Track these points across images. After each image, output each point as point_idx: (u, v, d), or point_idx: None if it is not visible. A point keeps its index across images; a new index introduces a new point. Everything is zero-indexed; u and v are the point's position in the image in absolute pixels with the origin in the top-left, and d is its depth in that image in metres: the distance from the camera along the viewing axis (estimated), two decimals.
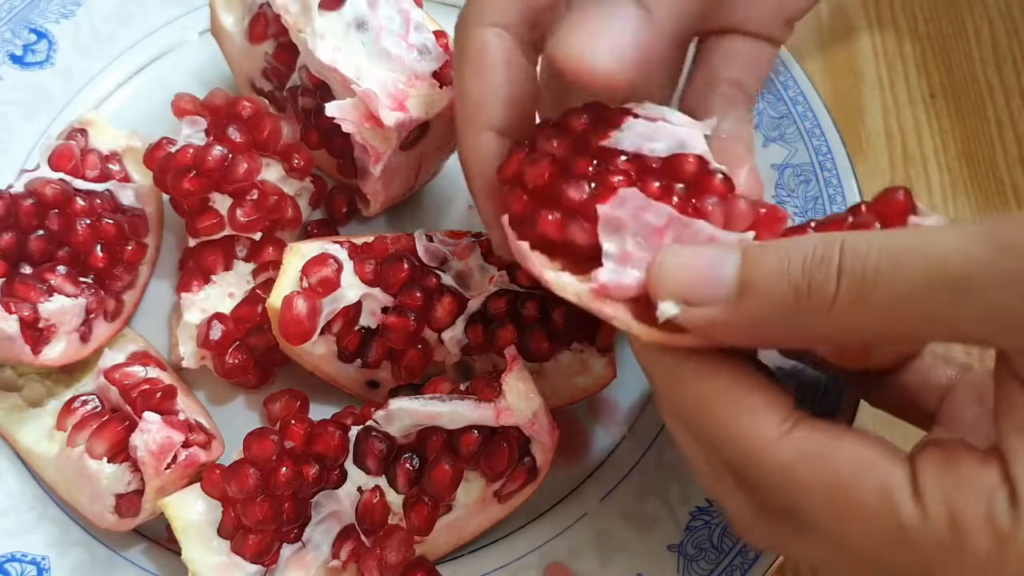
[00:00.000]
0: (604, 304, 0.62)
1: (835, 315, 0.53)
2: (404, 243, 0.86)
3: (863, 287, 0.52)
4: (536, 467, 0.79)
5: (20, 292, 0.83)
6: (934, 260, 0.50)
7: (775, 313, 0.55)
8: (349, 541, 0.78)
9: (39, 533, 0.84)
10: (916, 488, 0.53)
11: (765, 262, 0.55)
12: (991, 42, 1.11)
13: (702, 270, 0.57)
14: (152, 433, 0.78)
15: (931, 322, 0.52)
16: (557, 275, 0.64)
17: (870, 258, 0.52)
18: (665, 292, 0.57)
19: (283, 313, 0.81)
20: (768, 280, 0.54)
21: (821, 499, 0.55)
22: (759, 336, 0.57)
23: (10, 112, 1.01)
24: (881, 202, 0.62)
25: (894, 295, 0.51)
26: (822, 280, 0.53)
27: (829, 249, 0.53)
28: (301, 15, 0.89)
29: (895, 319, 0.52)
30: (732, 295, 0.55)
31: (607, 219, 0.62)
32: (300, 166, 0.92)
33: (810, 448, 0.56)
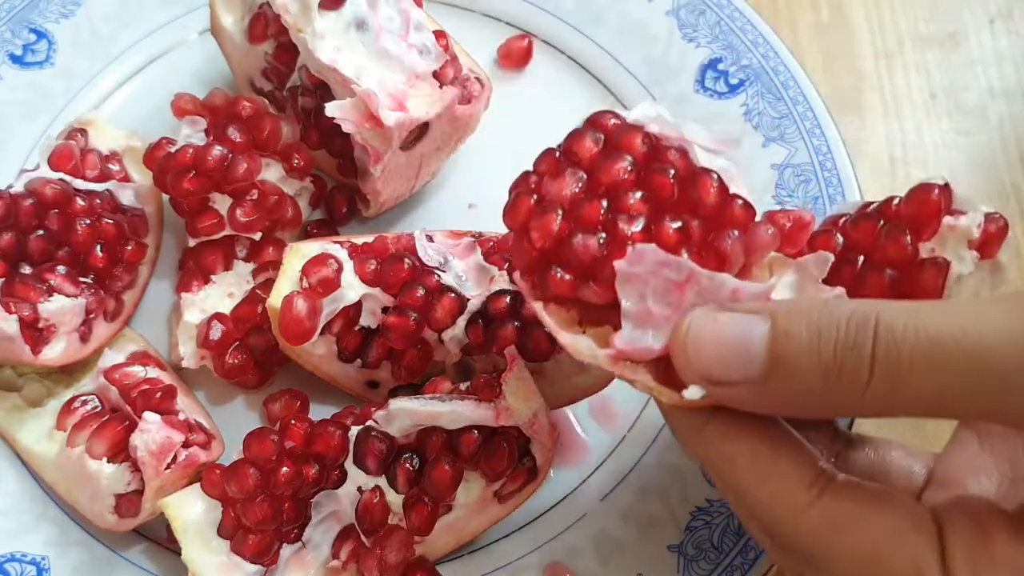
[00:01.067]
0: (624, 368, 0.60)
1: (868, 399, 0.52)
2: (404, 243, 0.86)
3: (898, 376, 0.51)
4: (536, 467, 0.79)
5: (20, 292, 0.83)
6: (976, 352, 0.49)
7: (804, 393, 0.54)
8: (349, 541, 0.78)
9: (39, 533, 0.84)
10: (946, 567, 0.53)
11: (794, 337, 0.53)
12: (991, 42, 1.11)
13: (729, 348, 0.55)
14: (152, 433, 0.78)
15: (972, 411, 0.52)
16: (574, 339, 0.62)
17: (906, 347, 0.50)
18: (691, 374, 0.56)
19: (283, 313, 0.81)
20: (798, 360, 0.53)
21: (849, 565, 0.55)
22: (786, 411, 0.57)
23: (10, 112, 1.01)
24: (913, 201, 0.61)
25: (932, 386, 0.50)
26: (854, 365, 0.51)
27: (862, 332, 0.51)
28: (301, 15, 0.89)
29: (931, 407, 0.52)
30: (761, 374, 0.54)
31: (624, 276, 0.59)
32: (300, 166, 0.92)
33: (839, 517, 0.55)
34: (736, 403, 0.56)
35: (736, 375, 0.54)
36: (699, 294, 0.59)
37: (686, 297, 0.59)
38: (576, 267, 0.61)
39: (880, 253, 0.61)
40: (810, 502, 0.55)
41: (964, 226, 0.60)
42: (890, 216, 0.62)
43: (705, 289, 0.59)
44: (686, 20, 1.01)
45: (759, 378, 0.54)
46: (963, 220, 0.60)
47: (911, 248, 0.60)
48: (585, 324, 0.63)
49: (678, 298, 0.59)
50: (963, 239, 0.60)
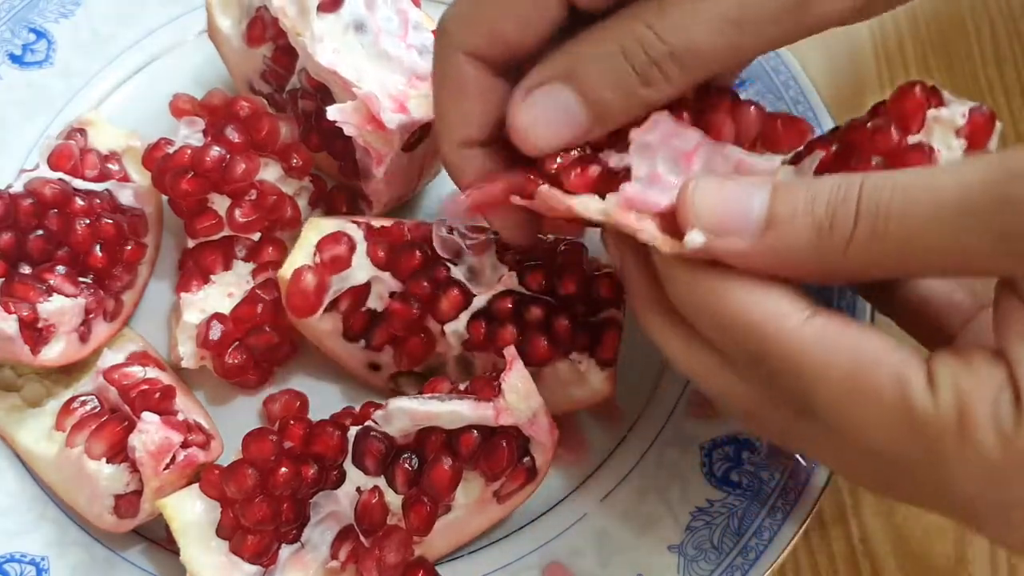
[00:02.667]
0: (631, 217, 0.63)
1: (852, 252, 0.55)
2: (422, 231, 0.87)
3: (876, 224, 0.54)
4: (535, 467, 0.79)
5: (19, 292, 0.83)
6: (941, 191, 0.52)
7: (798, 248, 0.57)
8: (348, 542, 0.77)
9: (38, 533, 0.84)
10: (930, 377, 0.55)
11: (792, 198, 0.57)
12: (991, 42, 1.11)
13: (732, 202, 0.58)
14: (150, 433, 0.78)
15: (941, 254, 0.54)
16: (580, 198, 0.65)
17: (883, 195, 0.54)
18: (695, 221, 0.59)
19: (291, 285, 0.83)
20: (793, 216, 0.56)
21: (836, 381, 0.56)
22: (781, 269, 0.58)
23: (9, 112, 1.01)
24: (898, 98, 0.63)
25: (905, 230, 0.53)
26: (842, 218, 0.55)
27: (851, 188, 0.55)
28: (299, 18, 0.89)
29: (907, 254, 0.54)
30: (758, 228, 0.57)
31: (638, 144, 0.64)
32: (299, 165, 0.92)
33: (829, 333, 0.57)
34: (733, 256, 0.58)
35: (734, 228, 0.58)
36: (708, 163, 0.63)
37: (693, 165, 0.63)
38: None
39: (869, 146, 0.64)
40: (802, 321, 0.58)
41: (947, 116, 0.62)
42: (878, 113, 0.65)
43: (713, 160, 0.63)
44: None
45: (757, 231, 0.57)
46: (945, 111, 0.62)
47: (897, 138, 0.63)
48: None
49: (686, 166, 0.63)
50: (949, 129, 0.62)
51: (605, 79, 0.63)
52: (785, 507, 0.82)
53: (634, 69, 0.62)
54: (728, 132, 0.66)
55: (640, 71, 0.62)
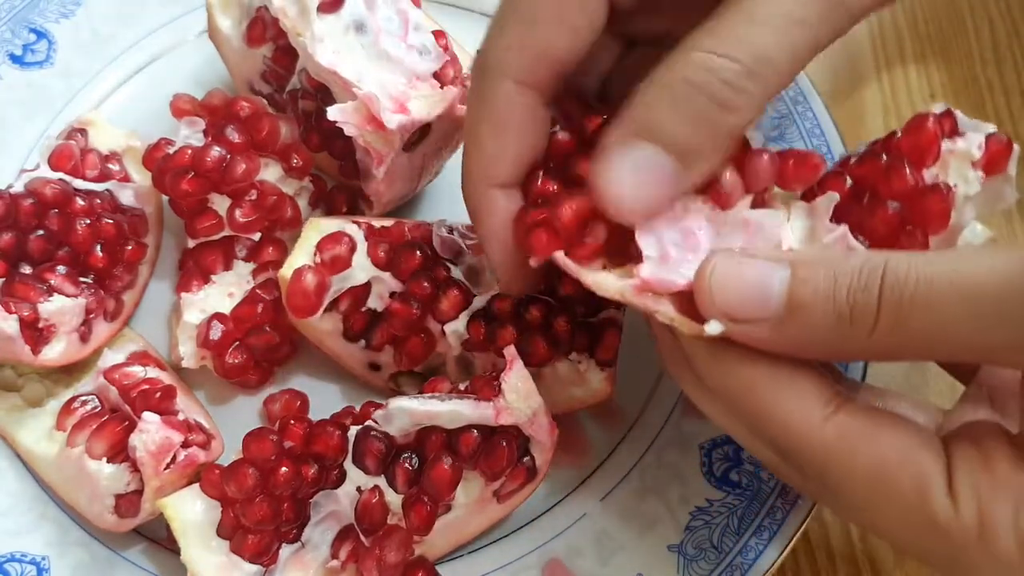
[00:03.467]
0: (647, 299, 0.62)
1: (875, 340, 0.55)
2: (422, 231, 0.87)
3: (900, 316, 0.53)
4: (535, 467, 0.79)
5: (20, 292, 0.83)
6: (966, 288, 0.52)
7: (819, 334, 0.56)
8: (348, 541, 0.78)
9: (39, 533, 0.84)
10: (951, 483, 0.55)
11: (813, 282, 0.56)
12: (991, 42, 1.11)
13: (750, 288, 0.58)
14: (151, 433, 0.78)
15: (966, 348, 0.54)
16: (596, 275, 0.65)
17: (907, 287, 0.53)
18: (713, 310, 0.59)
19: (291, 285, 0.83)
20: (814, 303, 0.56)
21: (860, 482, 0.57)
22: (803, 351, 0.58)
23: (10, 112, 1.01)
24: (911, 131, 0.63)
25: (929, 324, 0.53)
26: (863, 308, 0.54)
27: (872, 275, 0.54)
28: (299, 18, 0.89)
29: (931, 346, 0.55)
30: (778, 315, 0.57)
31: (644, 229, 0.63)
32: (299, 166, 0.92)
33: (852, 432, 0.57)
34: (753, 341, 0.58)
35: (756, 314, 0.57)
36: (714, 234, 0.63)
37: (701, 239, 0.63)
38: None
39: (884, 186, 0.63)
40: (825, 418, 0.58)
41: (963, 148, 0.62)
42: (892, 149, 0.64)
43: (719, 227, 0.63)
44: None
45: (777, 319, 0.57)
46: (961, 142, 0.62)
47: (913, 178, 0.62)
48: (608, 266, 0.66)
49: (694, 241, 0.62)
50: (965, 161, 0.62)
51: (684, 121, 0.60)
52: (785, 507, 0.82)
53: (712, 99, 0.59)
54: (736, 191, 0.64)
55: (719, 99, 0.59)
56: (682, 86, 0.60)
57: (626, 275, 0.64)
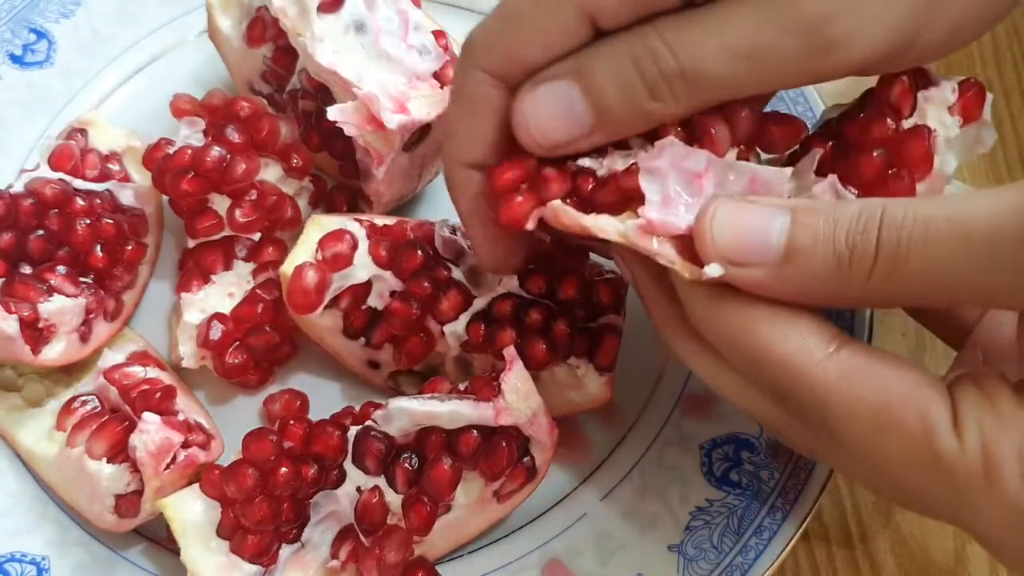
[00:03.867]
0: (650, 241, 0.62)
1: (873, 284, 0.55)
2: (424, 231, 0.87)
3: (897, 257, 0.54)
4: (535, 467, 0.79)
5: (20, 292, 0.83)
6: (963, 227, 0.52)
7: (818, 279, 0.57)
8: (348, 541, 0.77)
9: (39, 533, 0.84)
10: (955, 419, 0.55)
11: (812, 227, 0.57)
12: (991, 42, 1.11)
13: (751, 231, 0.58)
14: (151, 433, 0.78)
15: (964, 289, 0.54)
16: (596, 218, 0.65)
17: (904, 229, 0.54)
18: (713, 253, 0.59)
19: (292, 281, 0.83)
20: (814, 247, 0.56)
21: (863, 418, 0.57)
22: (801, 297, 0.58)
23: (10, 112, 1.01)
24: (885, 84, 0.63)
25: (927, 265, 0.53)
26: (862, 251, 0.55)
27: (871, 219, 0.55)
28: (299, 18, 0.89)
29: (929, 288, 0.55)
30: (778, 259, 0.57)
31: (647, 169, 0.63)
32: (299, 165, 0.92)
33: (855, 369, 0.57)
34: (752, 285, 0.58)
35: (756, 258, 0.58)
36: (717, 183, 0.62)
37: (705, 186, 0.62)
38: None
39: (866, 137, 0.64)
40: (828, 355, 0.57)
41: (938, 95, 0.63)
42: (869, 102, 0.65)
43: (724, 179, 0.62)
44: None
45: (776, 263, 0.57)
46: (935, 90, 0.63)
47: (893, 124, 0.63)
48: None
49: (698, 187, 0.62)
50: (942, 107, 0.63)
51: (612, 83, 0.62)
52: (785, 506, 0.82)
53: (643, 80, 0.62)
54: (723, 138, 0.65)
55: (649, 83, 0.62)
56: (626, 56, 0.62)
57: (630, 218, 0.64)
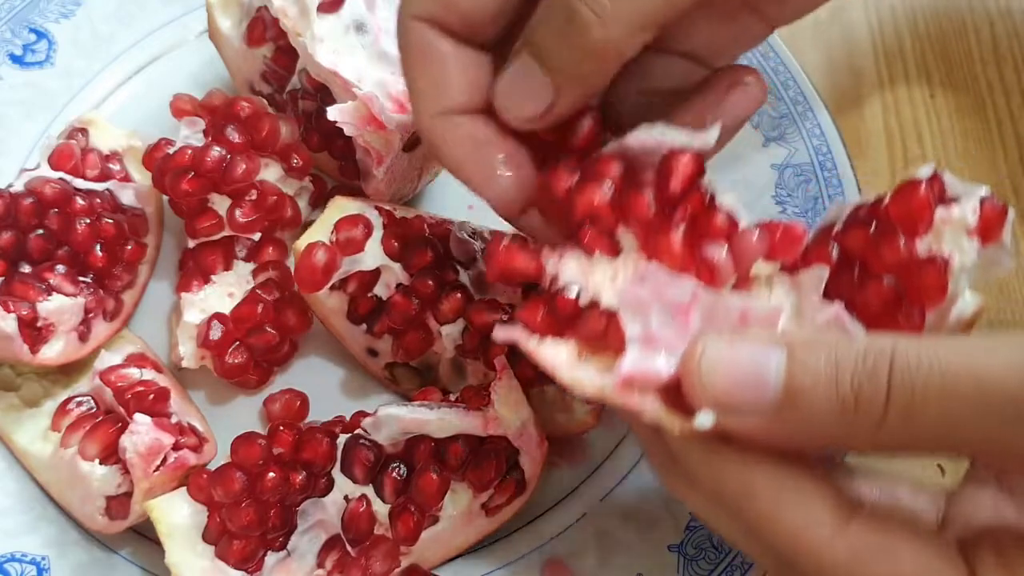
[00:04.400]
0: (631, 396, 0.57)
1: (884, 432, 0.51)
2: (441, 229, 0.87)
3: (912, 408, 0.50)
4: (524, 480, 0.79)
5: (19, 291, 0.83)
6: (985, 384, 0.48)
7: (821, 424, 0.52)
8: (335, 551, 0.77)
9: (38, 533, 0.84)
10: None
11: (812, 367, 0.52)
12: (991, 42, 1.11)
13: (745, 374, 0.53)
14: (141, 435, 0.78)
15: (983, 445, 0.51)
16: (573, 373, 0.59)
17: (919, 377, 0.49)
18: (704, 398, 0.54)
19: (302, 258, 0.83)
20: (815, 389, 0.52)
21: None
22: (804, 444, 0.54)
23: (10, 112, 1.01)
24: (902, 199, 0.59)
25: (945, 418, 0.49)
26: (870, 396, 0.50)
27: (879, 361, 0.50)
28: (300, 18, 0.89)
29: (946, 441, 0.51)
30: (776, 403, 0.52)
31: (628, 299, 0.58)
32: (299, 166, 0.92)
33: (867, 550, 0.53)
34: (748, 433, 0.54)
35: (751, 403, 0.53)
36: (705, 317, 0.57)
37: (691, 320, 0.57)
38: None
39: (876, 259, 0.59)
40: (835, 533, 0.53)
41: (958, 216, 0.58)
42: (881, 217, 0.60)
43: (713, 313, 0.57)
44: None
45: (774, 408, 0.52)
46: (956, 210, 0.58)
47: (906, 249, 0.58)
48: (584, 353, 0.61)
49: (683, 320, 0.57)
50: (960, 229, 0.58)
51: (551, 37, 0.61)
52: None
53: (570, 19, 0.60)
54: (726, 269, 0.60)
55: (579, 18, 0.59)
56: (551, 7, 0.61)
57: (606, 367, 0.59)
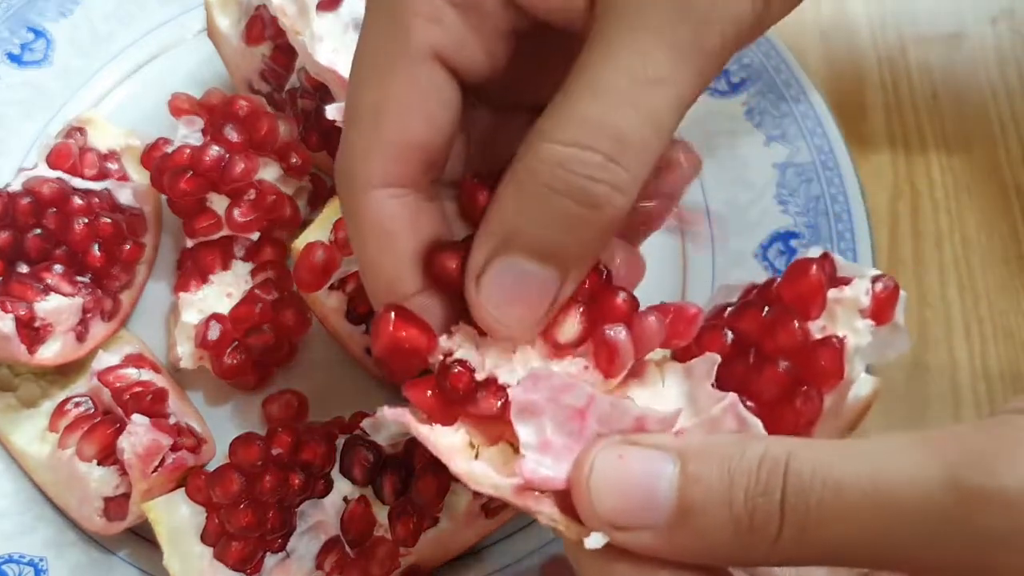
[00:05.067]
0: (527, 500, 0.54)
1: (779, 550, 0.48)
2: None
3: (807, 526, 0.47)
4: None
5: (16, 291, 0.83)
6: (883, 502, 0.46)
7: (715, 543, 0.49)
8: (334, 552, 0.77)
9: (36, 534, 0.84)
10: None
11: (704, 483, 0.49)
12: (994, 42, 1.11)
13: (634, 493, 0.50)
14: (139, 436, 0.78)
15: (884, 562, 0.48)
16: (470, 467, 0.56)
17: (813, 493, 0.47)
18: (594, 519, 0.51)
19: (301, 258, 0.82)
20: (708, 508, 0.49)
21: None
22: (694, 559, 0.51)
23: (8, 111, 1.01)
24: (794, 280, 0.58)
25: (841, 537, 0.47)
26: (764, 516, 0.48)
27: (772, 477, 0.48)
28: (299, 17, 0.89)
29: (844, 557, 0.49)
30: (668, 521, 0.50)
31: (521, 405, 0.55)
32: (298, 165, 0.92)
33: None
34: (640, 550, 0.51)
35: (641, 522, 0.50)
36: (601, 421, 0.55)
37: (588, 424, 0.55)
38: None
39: (770, 342, 0.58)
40: None
41: (851, 296, 0.57)
42: (773, 300, 0.59)
43: (607, 416, 0.55)
44: None
45: (667, 526, 0.50)
46: (848, 291, 0.57)
47: (800, 332, 0.57)
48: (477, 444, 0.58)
49: (579, 425, 0.55)
50: (853, 309, 0.57)
51: (552, 226, 0.53)
52: None
53: (580, 201, 0.52)
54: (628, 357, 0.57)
55: (587, 198, 0.52)
56: (542, 191, 0.52)
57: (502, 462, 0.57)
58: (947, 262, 0.99)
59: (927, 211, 1.02)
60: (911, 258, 0.99)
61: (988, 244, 0.99)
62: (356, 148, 0.57)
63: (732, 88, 0.98)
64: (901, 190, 1.03)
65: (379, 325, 0.57)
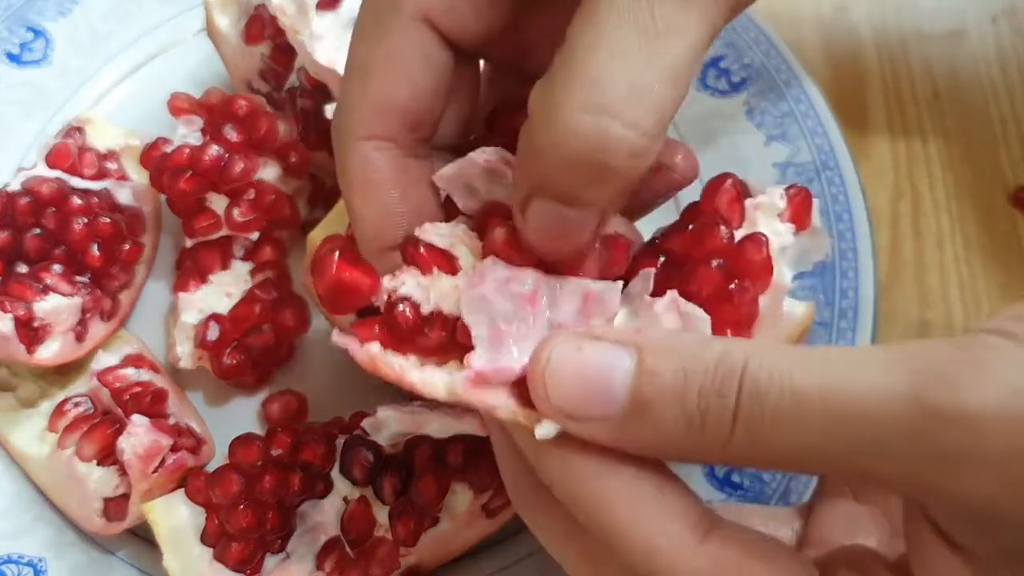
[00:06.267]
0: (484, 393, 0.54)
1: (731, 452, 0.48)
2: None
3: (760, 431, 0.46)
4: None
5: (15, 291, 0.83)
6: (842, 410, 0.45)
7: (668, 439, 0.49)
8: (334, 553, 0.77)
9: (35, 535, 0.84)
10: None
11: (659, 378, 0.49)
12: (995, 41, 1.10)
13: (590, 383, 0.50)
14: (139, 436, 0.78)
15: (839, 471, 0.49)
16: (422, 374, 0.56)
17: (769, 400, 0.46)
18: (548, 410, 0.51)
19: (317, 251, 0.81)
20: (662, 404, 0.48)
21: None
22: (646, 452, 0.51)
23: (7, 111, 1.01)
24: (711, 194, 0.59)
25: (795, 443, 0.46)
26: (716, 416, 0.47)
27: (728, 379, 0.47)
28: (298, 16, 0.88)
29: (797, 464, 0.48)
30: (622, 414, 0.49)
31: (470, 299, 0.55)
32: (297, 164, 0.92)
33: (726, 562, 0.50)
34: (592, 439, 0.51)
35: (595, 412, 0.50)
36: (552, 302, 0.55)
37: (539, 309, 0.55)
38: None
39: (699, 249, 0.58)
40: (695, 546, 0.51)
41: (767, 202, 0.59)
42: (696, 217, 0.60)
43: (554, 298, 0.55)
44: None
45: (620, 419, 0.49)
46: (763, 197, 0.59)
47: (727, 234, 0.58)
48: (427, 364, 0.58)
49: (530, 312, 0.55)
50: (772, 214, 0.58)
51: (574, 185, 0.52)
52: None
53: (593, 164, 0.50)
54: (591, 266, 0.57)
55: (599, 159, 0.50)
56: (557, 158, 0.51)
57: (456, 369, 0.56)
58: (948, 262, 0.99)
59: (928, 211, 1.02)
60: (912, 258, 0.99)
61: (989, 244, 0.99)
62: (346, 102, 0.60)
63: (732, 88, 0.98)
64: (902, 190, 1.03)
65: (323, 265, 0.59)
